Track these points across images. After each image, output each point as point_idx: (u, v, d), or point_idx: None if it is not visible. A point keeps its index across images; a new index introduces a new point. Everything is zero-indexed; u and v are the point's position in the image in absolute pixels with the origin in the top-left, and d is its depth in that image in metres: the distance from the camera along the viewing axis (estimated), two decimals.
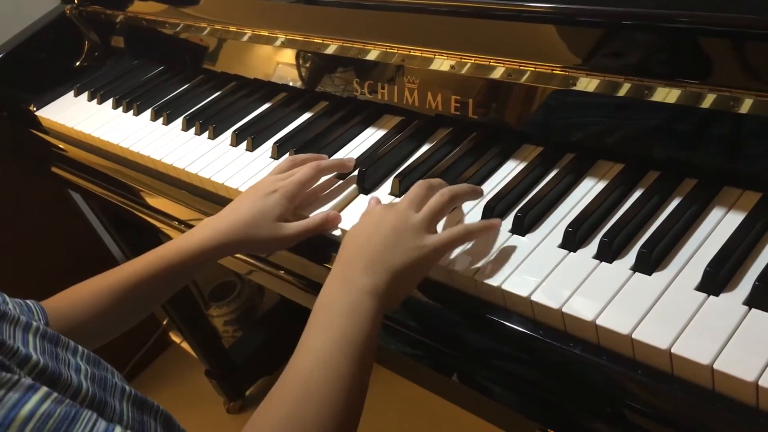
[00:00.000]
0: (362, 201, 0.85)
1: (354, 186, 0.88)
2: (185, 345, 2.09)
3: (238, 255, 0.96)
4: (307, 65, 1.08)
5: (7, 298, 0.66)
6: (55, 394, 0.47)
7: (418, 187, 0.75)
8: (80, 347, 0.61)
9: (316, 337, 0.62)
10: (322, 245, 0.83)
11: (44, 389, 0.47)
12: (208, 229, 0.81)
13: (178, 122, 1.15)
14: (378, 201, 0.81)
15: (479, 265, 0.70)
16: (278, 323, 2.04)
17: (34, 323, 0.59)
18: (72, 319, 0.76)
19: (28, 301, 0.72)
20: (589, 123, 0.78)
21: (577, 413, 0.65)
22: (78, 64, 1.50)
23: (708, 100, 0.67)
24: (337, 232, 0.82)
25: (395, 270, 0.66)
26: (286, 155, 0.97)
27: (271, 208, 0.81)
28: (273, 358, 2.00)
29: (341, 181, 0.89)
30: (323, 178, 0.89)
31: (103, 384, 0.58)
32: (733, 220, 0.66)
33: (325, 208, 0.85)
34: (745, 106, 0.65)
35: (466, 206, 0.79)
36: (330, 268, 0.81)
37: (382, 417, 1.68)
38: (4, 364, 0.47)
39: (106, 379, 0.59)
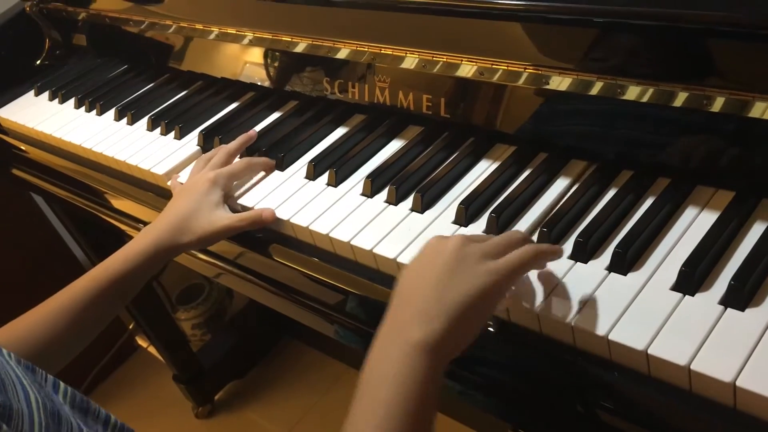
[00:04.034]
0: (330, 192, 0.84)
1: (325, 186, 0.86)
2: (152, 349, 2.05)
3: (204, 256, 0.95)
4: (276, 64, 1.06)
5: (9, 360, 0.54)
6: None
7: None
8: (75, 395, 0.56)
9: (362, 403, 0.55)
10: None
11: None
12: (151, 230, 0.83)
13: (143, 122, 1.12)
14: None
15: None
16: (247, 326, 2.01)
17: (34, 395, 0.51)
18: (33, 345, 0.75)
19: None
20: (561, 122, 0.77)
21: (550, 413, 0.65)
22: (39, 62, 1.46)
23: (680, 99, 0.67)
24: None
25: (455, 307, 0.56)
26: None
27: (206, 198, 0.84)
28: (242, 361, 1.98)
29: (310, 181, 0.88)
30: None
31: None
32: (707, 219, 0.65)
33: (299, 204, 0.84)
34: (717, 104, 0.65)
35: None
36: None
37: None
38: None
39: None
